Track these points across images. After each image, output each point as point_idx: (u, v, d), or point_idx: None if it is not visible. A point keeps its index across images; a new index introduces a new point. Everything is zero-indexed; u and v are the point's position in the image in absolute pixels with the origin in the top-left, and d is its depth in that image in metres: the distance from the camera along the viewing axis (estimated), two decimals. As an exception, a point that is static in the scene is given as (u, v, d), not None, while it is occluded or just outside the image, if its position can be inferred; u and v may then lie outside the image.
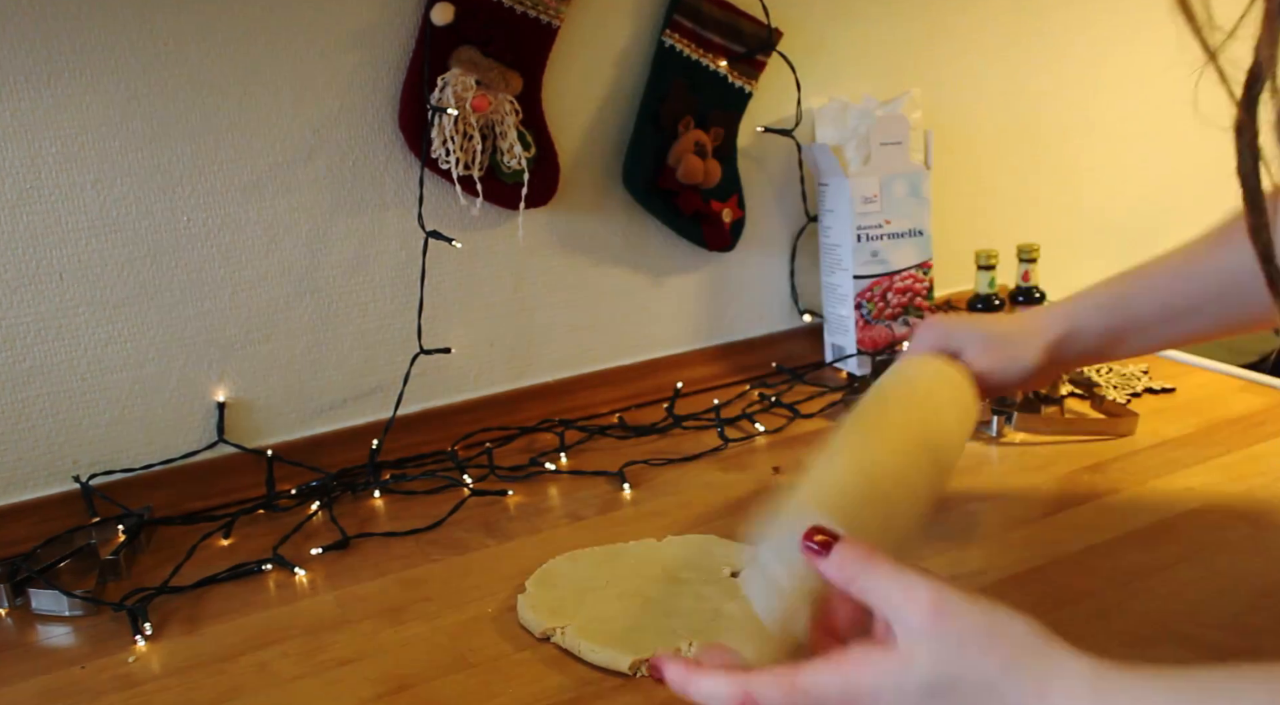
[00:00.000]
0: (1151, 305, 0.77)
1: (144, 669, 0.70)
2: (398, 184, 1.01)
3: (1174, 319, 0.78)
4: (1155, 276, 0.77)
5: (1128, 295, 0.77)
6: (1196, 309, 0.76)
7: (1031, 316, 0.80)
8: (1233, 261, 0.72)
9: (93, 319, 0.92)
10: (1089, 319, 0.78)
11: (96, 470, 0.93)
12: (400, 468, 0.99)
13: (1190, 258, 0.76)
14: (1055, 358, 0.78)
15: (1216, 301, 0.75)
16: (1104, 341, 0.79)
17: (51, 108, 0.87)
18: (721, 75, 1.10)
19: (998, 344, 0.78)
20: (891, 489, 0.60)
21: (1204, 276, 0.75)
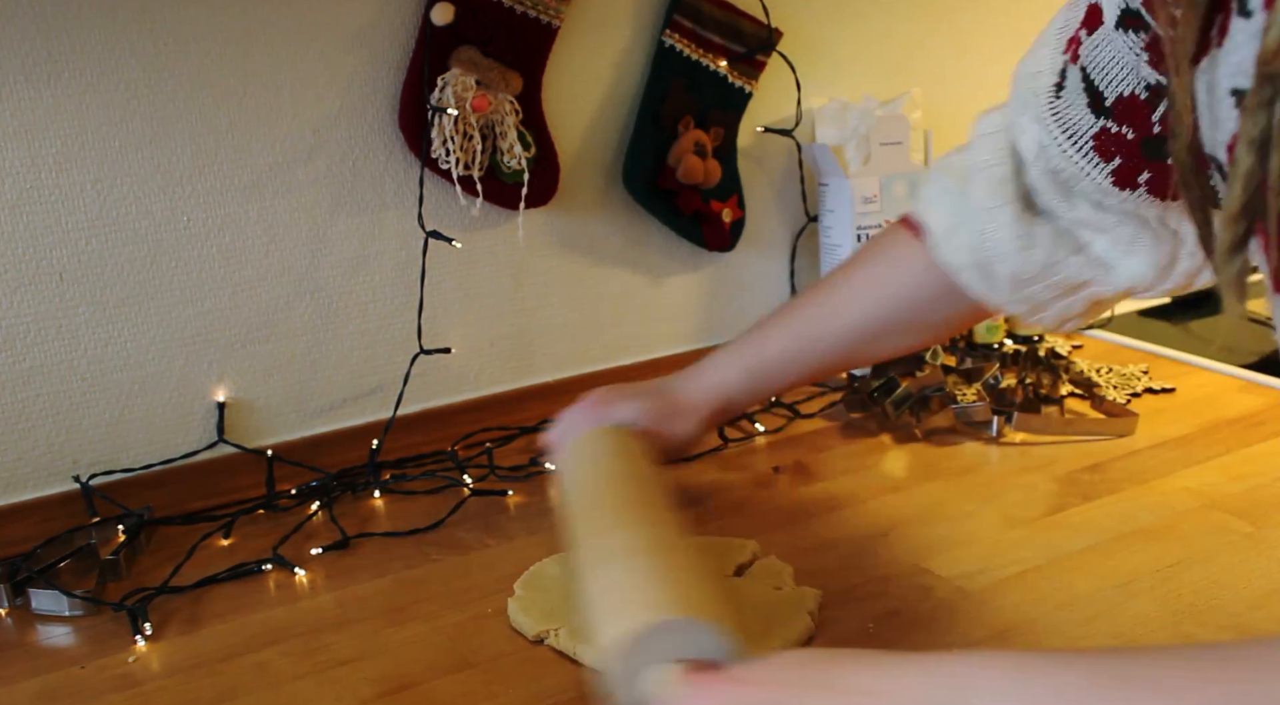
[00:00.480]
0: (780, 371, 0.84)
1: (144, 669, 0.70)
2: (398, 184, 1.01)
3: (808, 373, 0.87)
4: (789, 334, 0.83)
5: (767, 358, 0.83)
6: (828, 360, 0.84)
7: (685, 390, 0.85)
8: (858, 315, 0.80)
9: (93, 319, 0.92)
10: (738, 388, 0.84)
11: (96, 470, 0.93)
12: (400, 468, 0.99)
13: (821, 311, 0.82)
14: (707, 426, 0.85)
15: (845, 351, 0.83)
16: (753, 400, 0.90)
17: (51, 108, 0.87)
18: (721, 75, 1.10)
19: (655, 425, 0.82)
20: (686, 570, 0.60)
21: (833, 332, 0.81)
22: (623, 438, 0.80)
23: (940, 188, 0.74)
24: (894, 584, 0.73)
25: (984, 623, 0.68)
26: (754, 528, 0.83)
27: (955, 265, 0.73)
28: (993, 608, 0.69)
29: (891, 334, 0.80)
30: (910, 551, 0.77)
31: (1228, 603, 0.68)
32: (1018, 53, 0.72)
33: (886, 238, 0.80)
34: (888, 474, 0.91)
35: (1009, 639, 0.66)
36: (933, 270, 0.75)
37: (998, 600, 0.70)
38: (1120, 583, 0.71)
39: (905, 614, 0.69)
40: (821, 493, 0.88)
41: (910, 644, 0.66)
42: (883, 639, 0.67)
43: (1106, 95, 0.62)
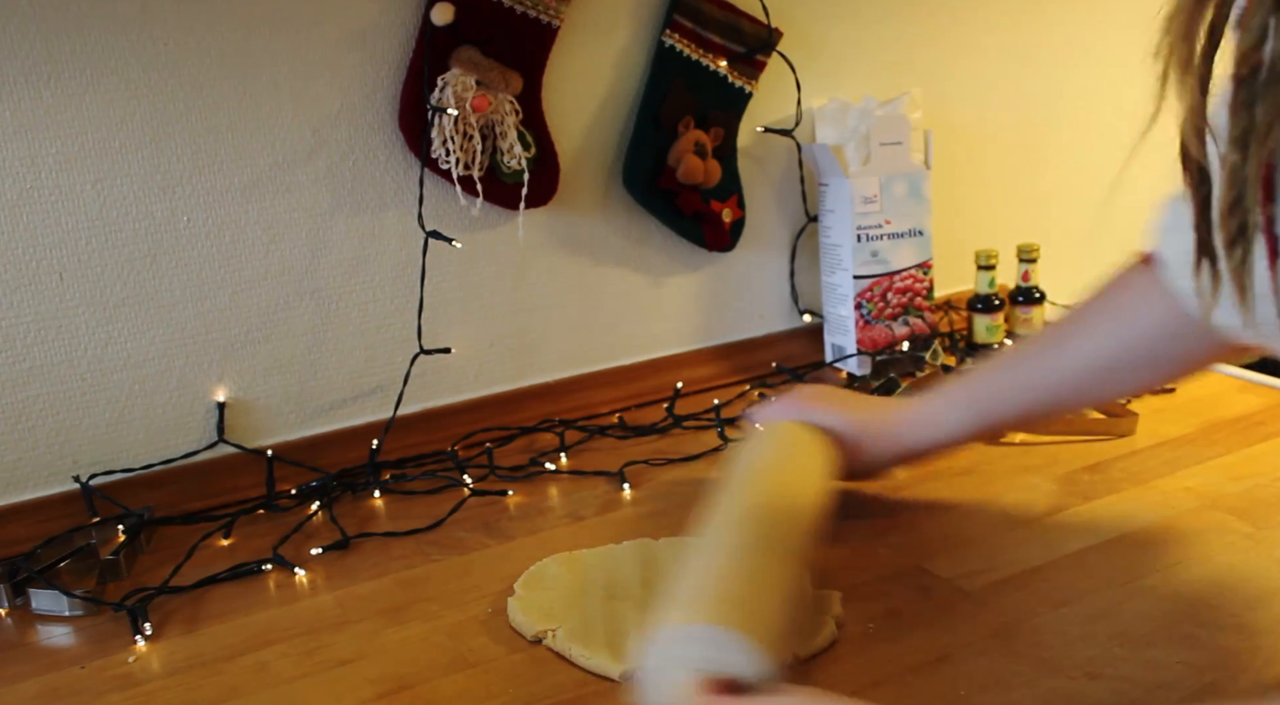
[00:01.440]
0: (1012, 405, 0.79)
1: (144, 669, 0.70)
2: (398, 184, 1.01)
3: (1032, 417, 0.83)
4: (1017, 372, 0.79)
5: (991, 394, 0.80)
6: (1057, 400, 0.79)
7: (893, 415, 0.82)
8: (1093, 350, 0.75)
9: (93, 319, 0.92)
10: (950, 423, 0.80)
11: (96, 470, 0.93)
12: (400, 468, 0.99)
13: (1051, 347, 0.78)
14: (906, 459, 0.83)
15: (1076, 389, 0.78)
16: (959, 441, 0.82)
17: (51, 108, 0.87)
18: (721, 75, 1.10)
19: (854, 439, 0.81)
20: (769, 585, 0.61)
21: (1065, 367, 0.77)
22: (809, 440, 0.78)
23: (1171, 214, 0.70)
24: (894, 584, 0.73)
25: (984, 623, 0.68)
26: (754, 528, 0.82)
27: (1189, 291, 0.67)
28: (993, 608, 0.69)
29: (1125, 370, 0.76)
30: (910, 551, 0.77)
31: (1228, 603, 0.68)
32: (1018, 52, 0.72)
33: (1123, 273, 0.76)
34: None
35: (1009, 639, 0.66)
36: (1167, 301, 0.70)
37: (998, 600, 0.70)
38: (1120, 583, 0.71)
39: (905, 614, 0.69)
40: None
41: (910, 644, 0.66)
42: (883, 639, 0.67)
43: None
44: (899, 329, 1.17)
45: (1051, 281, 1.23)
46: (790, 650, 0.60)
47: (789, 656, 0.59)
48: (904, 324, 1.17)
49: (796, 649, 0.65)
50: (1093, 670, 0.62)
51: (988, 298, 1.18)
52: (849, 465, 0.81)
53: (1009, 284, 1.23)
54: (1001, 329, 1.18)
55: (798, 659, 0.64)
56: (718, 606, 0.56)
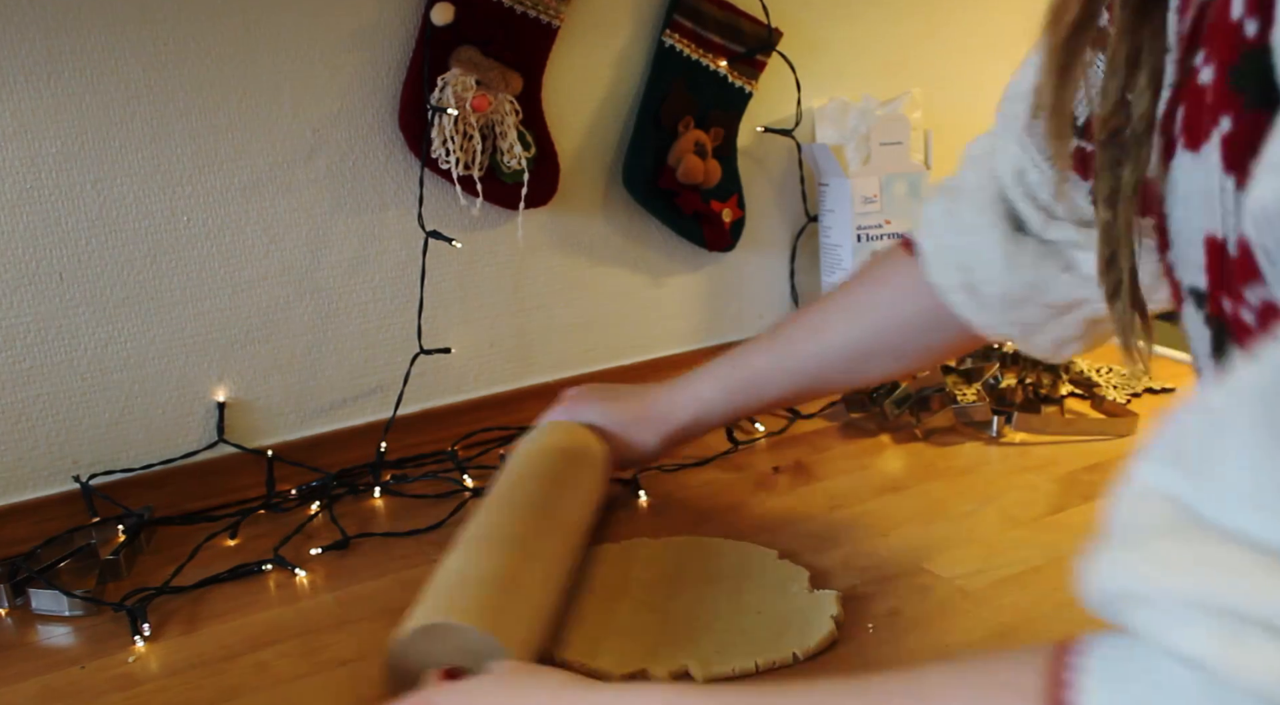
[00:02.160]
0: (773, 385, 0.82)
1: (144, 669, 0.70)
2: (398, 184, 1.01)
3: (793, 397, 0.85)
4: (777, 354, 0.82)
5: (752, 376, 0.82)
6: (818, 381, 0.82)
7: (657, 400, 0.84)
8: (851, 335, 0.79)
9: (93, 319, 0.92)
10: (713, 402, 0.83)
11: (96, 470, 0.93)
12: (400, 468, 0.99)
13: (812, 330, 0.81)
14: (675, 441, 0.85)
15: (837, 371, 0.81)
16: (724, 419, 0.86)
17: (51, 108, 0.87)
18: (721, 75, 1.10)
19: (618, 429, 0.83)
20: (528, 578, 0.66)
21: (824, 351, 0.80)
22: (572, 436, 0.81)
23: (934, 209, 0.74)
24: (894, 584, 0.73)
25: (984, 623, 0.68)
26: (754, 528, 0.83)
27: (944, 286, 0.72)
28: (993, 608, 0.69)
29: (878, 356, 0.79)
30: (910, 551, 0.77)
31: (1228, 603, 0.68)
32: (1018, 52, 0.72)
33: (882, 259, 0.80)
34: (888, 474, 0.91)
35: (1009, 639, 0.66)
36: (924, 292, 0.74)
37: (998, 600, 0.70)
38: (1120, 583, 0.71)
39: (905, 614, 0.69)
40: (821, 493, 0.88)
41: (910, 644, 0.66)
42: (883, 639, 0.67)
43: (1078, 114, 0.62)
44: (899, 329, 1.17)
45: (1051, 281, 1.23)
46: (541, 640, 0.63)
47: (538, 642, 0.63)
48: (904, 324, 1.17)
49: (795, 649, 0.65)
50: (1093, 670, 0.62)
51: (988, 298, 1.18)
52: (624, 454, 0.84)
53: (1009, 284, 1.23)
54: (1001, 329, 1.18)
55: (797, 659, 0.64)
56: (448, 603, 0.61)
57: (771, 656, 0.64)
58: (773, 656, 0.64)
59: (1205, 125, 0.37)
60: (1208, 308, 0.40)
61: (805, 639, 0.66)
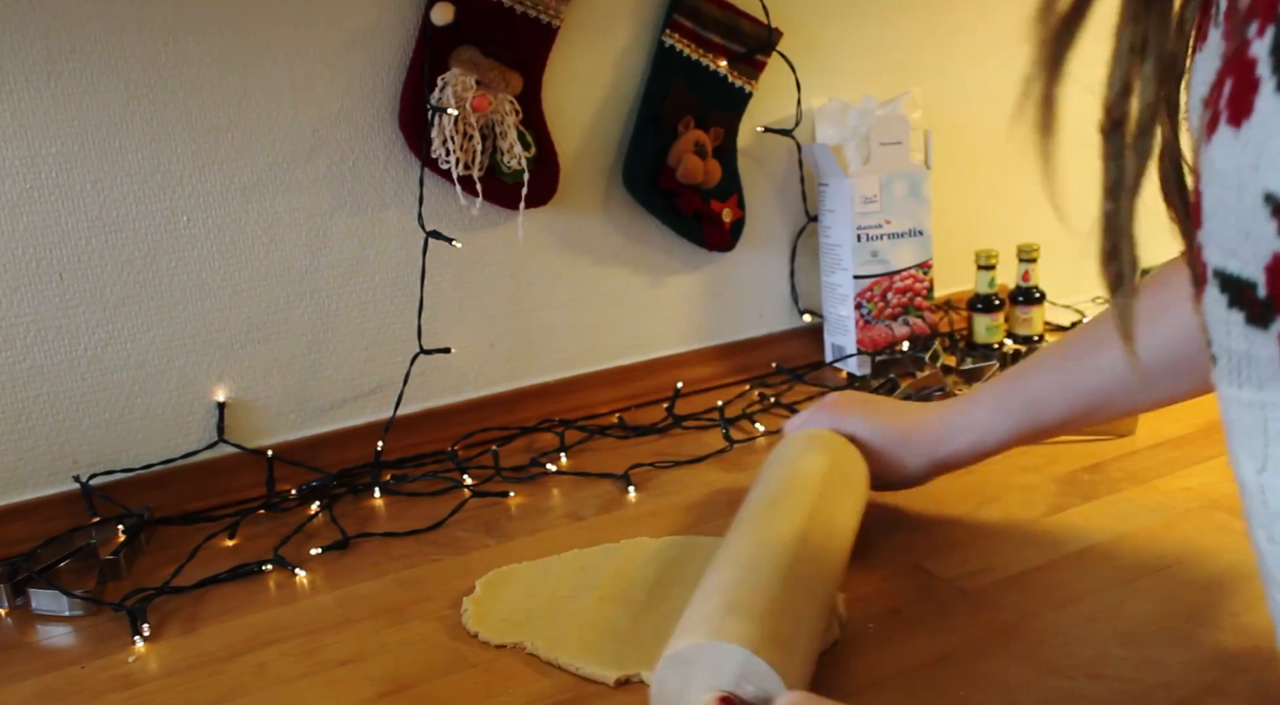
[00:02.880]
0: (1055, 407, 0.74)
1: (144, 669, 0.70)
2: (398, 184, 1.01)
3: (1076, 420, 0.75)
4: (1059, 373, 0.74)
5: (1031, 398, 0.75)
6: (1102, 402, 0.74)
7: (929, 422, 0.78)
8: (1147, 346, 0.70)
9: (93, 319, 0.92)
10: (990, 428, 0.76)
11: (96, 470, 0.93)
12: (400, 468, 0.99)
13: (1094, 345, 0.74)
14: (944, 468, 0.79)
15: (1123, 391, 0.73)
16: (1000, 447, 0.77)
17: (51, 108, 0.87)
18: (721, 75, 1.10)
19: (887, 448, 0.78)
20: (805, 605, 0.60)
21: (1109, 367, 0.72)
22: (845, 452, 0.76)
23: None
24: (894, 584, 0.73)
25: (984, 623, 0.68)
26: (754, 528, 0.82)
27: None
28: (993, 608, 0.69)
29: (1167, 373, 0.70)
30: (910, 551, 0.77)
31: (1228, 603, 0.68)
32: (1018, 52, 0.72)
33: (1165, 268, 0.72)
34: (888, 474, 0.91)
35: (1009, 639, 0.66)
36: None
37: (998, 600, 0.70)
38: (1120, 583, 0.71)
39: (905, 614, 0.69)
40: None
41: (910, 644, 0.66)
42: (883, 639, 0.67)
43: None
44: (899, 329, 1.17)
45: (1051, 281, 1.23)
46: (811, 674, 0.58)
47: (809, 679, 0.58)
48: (904, 324, 1.17)
49: None
50: (1093, 670, 0.62)
51: (988, 298, 1.18)
52: (883, 475, 0.79)
53: (1009, 284, 1.23)
54: (1001, 329, 1.18)
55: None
56: (747, 628, 0.55)
57: None
58: None
59: (1251, 99, 0.36)
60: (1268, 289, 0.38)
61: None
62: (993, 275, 1.18)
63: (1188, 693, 0.59)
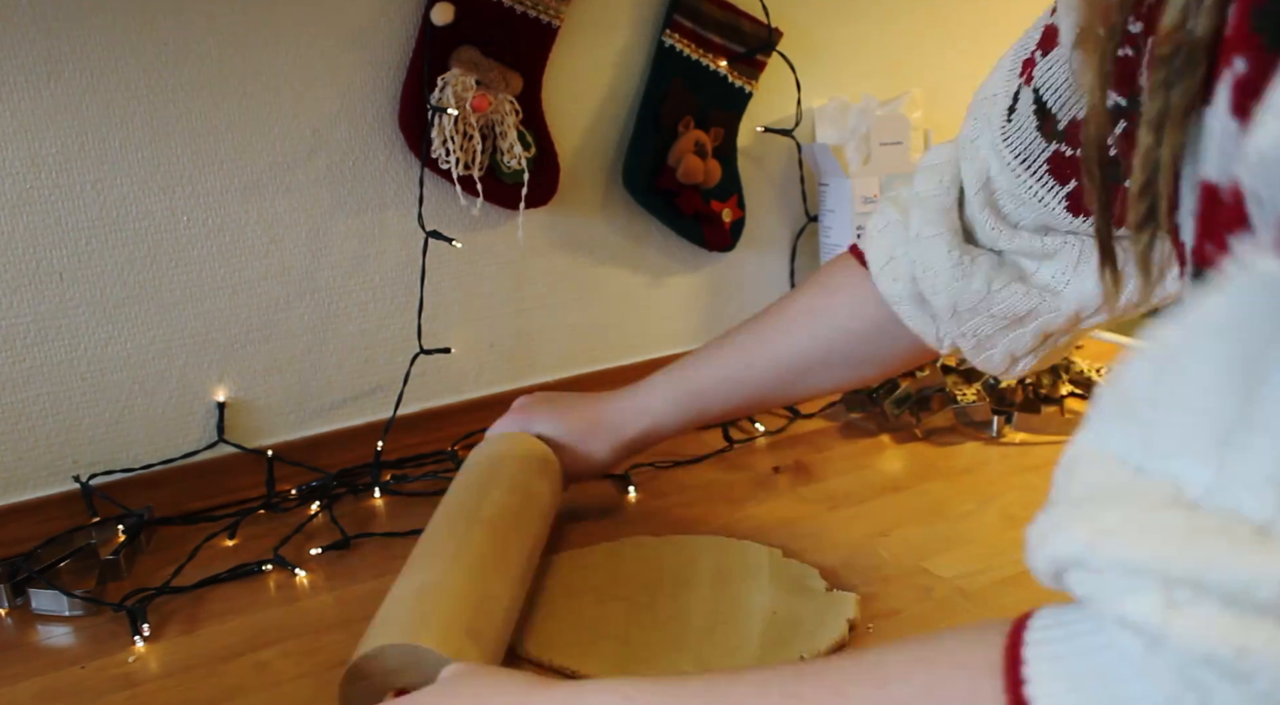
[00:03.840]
0: (718, 397, 0.81)
1: (144, 669, 0.70)
2: (398, 184, 1.01)
3: (738, 409, 0.83)
4: (721, 366, 0.81)
5: (697, 388, 0.81)
6: (760, 394, 0.80)
7: (606, 411, 0.83)
8: (795, 346, 0.77)
9: (93, 319, 0.92)
10: (662, 413, 0.81)
11: (96, 470, 0.93)
12: (400, 468, 0.99)
13: (755, 341, 0.80)
14: (627, 451, 0.83)
15: (779, 384, 0.79)
16: (674, 430, 0.83)
17: (51, 108, 0.87)
18: (721, 75, 1.10)
19: (570, 440, 0.82)
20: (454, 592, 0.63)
21: (767, 363, 0.78)
22: (524, 446, 0.80)
23: (883, 219, 0.73)
24: (894, 584, 0.73)
25: (984, 623, 0.68)
26: (754, 528, 0.83)
27: (892, 296, 0.72)
28: (993, 608, 0.69)
29: (825, 367, 0.78)
30: (910, 551, 0.77)
31: (1228, 603, 0.68)
32: (1017, 52, 0.72)
33: (830, 267, 0.79)
34: (888, 474, 0.91)
35: (1009, 639, 0.66)
36: (872, 302, 0.73)
37: (998, 600, 0.70)
38: (1120, 583, 0.71)
39: (905, 614, 0.69)
40: (821, 493, 0.88)
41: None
42: (883, 639, 0.67)
43: (1059, 117, 0.61)
44: (899, 329, 1.17)
45: (1051, 281, 1.23)
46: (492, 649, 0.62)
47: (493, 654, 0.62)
48: (904, 324, 1.17)
49: (802, 650, 0.65)
50: (1093, 670, 0.62)
51: (988, 298, 1.18)
52: (575, 465, 0.83)
53: (1009, 284, 1.23)
54: (1001, 329, 1.18)
55: (803, 660, 0.64)
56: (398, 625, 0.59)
57: (776, 661, 0.64)
58: (777, 661, 0.64)
59: (1219, 69, 0.36)
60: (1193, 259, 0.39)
61: (816, 642, 0.65)
62: (993, 275, 1.17)
63: (1188, 693, 0.59)
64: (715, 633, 0.67)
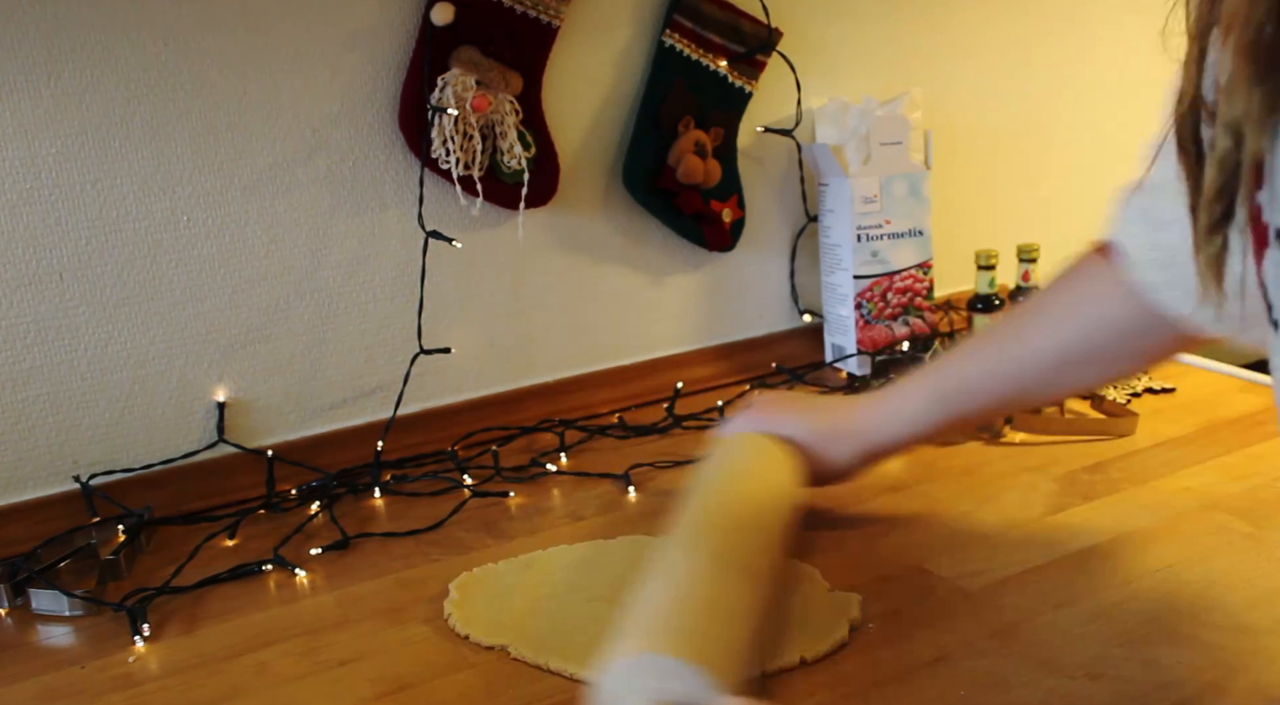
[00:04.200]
0: (975, 397, 0.77)
1: (144, 669, 0.70)
2: (398, 184, 1.01)
3: (995, 409, 0.79)
4: (978, 364, 0.77)
5: (955, 387, 0.77)
6: (1022, 391, 0.77)
7: (858, 412, 0.80)
8: (1054, 341, 0.74)
9: (93, 319, 0.92)
10: (913, 418, 0.78)
11: (96, 470, 0.93)
12: (400, 468, 0.99)
13: (1013, 338, 0.76)
14: (874, 458, 0.80)
15: (1040, 381, 0.76)
16: (924, 437, 0.79)
17: (51, 108, 0.87)
18: (721, 75, 1.10)
19: (815, 443, 0.79)
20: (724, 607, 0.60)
21: (1028, 359, 0.75)
22: (770, 450, 0.77)
23: (1130, 208, 0.69)
24: (894, 584, 0.73)
25: (984, 623, 0.68)
26: (754, 528, 0.82)
27: (1150, 284, 0.68)
28: (993, 608, 0.69)
29: (1085, 363, 0.74)
30: (910, 551, 0.77)
31: (1228, 603, 0.68)
32: (1018, 53, 0.72)
33: (1080, 264, 0.75)
34: (888, 474, 0.91)
35: (1009, 639, 0.66)
36: (1129, 294, 0.70)
37: (998, 600, 0.70)
38: (1120, 583, 0.71)
39: (905, 614, 0.69)
40: (822, 493, 0.88)
41: (910, 644, 0.66)
42: (883, 639, 0.67)
43: None
44: (899, 329, 1.17)
45: (1051, 281, 1.23)
46: (751, 667, 0.59)
47: (750, 673, 0.59)
48: (904, 324, 1.17)
49: (804, 652, 0.64)
50: (1093, 670, 0.62)
51: (988, 298, 1.18)
52: (815, 470, 0.80)
53: (1009, 284, 1.23)
54: (1001, 329, 1.18)
55: (804, 661, 0.64)
56: (667, 634, 0.56)
57: (778, 663, 0.64)
58: (779, 663, 0.64)
59: None
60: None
61: (817, 643, 0.65)
62: (993, 275, 1.17)
63: (1188, 693, 0.59)
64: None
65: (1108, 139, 1.41)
